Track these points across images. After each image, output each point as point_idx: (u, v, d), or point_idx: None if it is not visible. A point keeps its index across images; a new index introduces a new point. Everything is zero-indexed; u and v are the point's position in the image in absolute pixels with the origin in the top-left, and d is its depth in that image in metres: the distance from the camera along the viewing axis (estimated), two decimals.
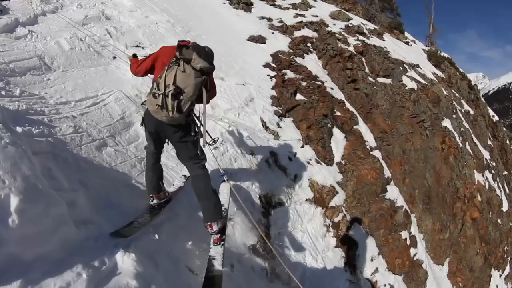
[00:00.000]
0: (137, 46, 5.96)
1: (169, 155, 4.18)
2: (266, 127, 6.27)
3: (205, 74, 2.82)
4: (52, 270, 1.89)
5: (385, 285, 6.68)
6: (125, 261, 2.27)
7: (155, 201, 3.29)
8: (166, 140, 3.14)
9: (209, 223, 3.10)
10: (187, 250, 3.19)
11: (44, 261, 1.91)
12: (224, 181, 3.91)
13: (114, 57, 5.17)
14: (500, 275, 12.71)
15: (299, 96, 7.17)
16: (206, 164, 3.20)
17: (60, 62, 4.48)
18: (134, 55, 3.53)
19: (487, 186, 10.47)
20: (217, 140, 3.56)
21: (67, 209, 2.20)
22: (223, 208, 3.42)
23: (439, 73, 12.55)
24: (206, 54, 2.81)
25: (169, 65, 2.75)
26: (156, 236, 2.93)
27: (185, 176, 3.94)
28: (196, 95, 2.82)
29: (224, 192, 3.97)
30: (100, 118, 3.88)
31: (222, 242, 3.17)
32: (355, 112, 7.45)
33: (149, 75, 3.22)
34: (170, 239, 3.06)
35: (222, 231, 3.21)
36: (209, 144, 3.26)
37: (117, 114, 4.10)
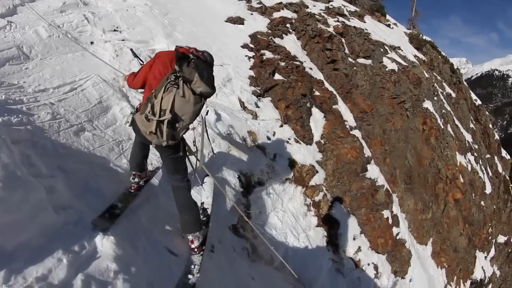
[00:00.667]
0: (115, 30, 5.97)
1: None
2: (244, 107, 6.36)
3: (204, 98, 2.70)
4: (33, 258, 1.94)
5: (368, 264, 6.87)
6: (104, 244, 2.33)
7: (136, 179, 3.31)
8: None
9: (190, 238, 3.10)
10: (166, 232, 3.27)
11: (25, 249, 1.96)
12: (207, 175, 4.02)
13: (92, 42, 5.21)
14: (485, 257, 13.21)
15: (277, 76, 7.26)
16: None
17: (38, 50, 4.53)
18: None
19: (469, 168, 10.83)
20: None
21: (46, 195, 2.25)
22: (207, 212, 3.54)
23: (421, 56, 12.85)
24: (209, 76, 2.66)
25: (166, 85, 2.55)
26: (135, 218, 3.01)
27: None
28: (192, 122, 2.72)
29: (208, 186, 4.10)
30: (78, 103, 3.97)
31: (202, 252, 3.18)
32: (335, 92, 7.59)
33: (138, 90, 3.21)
34: (149, 220, 3.14)
35: (203, 242, 3.21)
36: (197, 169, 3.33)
37: (94, 98, 4.20)
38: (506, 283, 16.64)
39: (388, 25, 14.26)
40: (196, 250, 3.13)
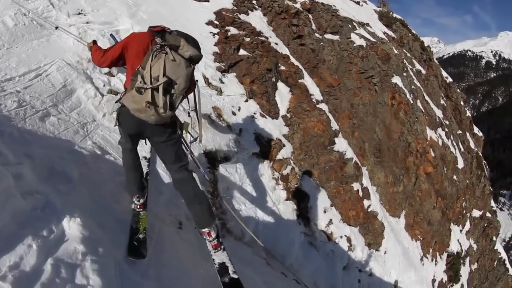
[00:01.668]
0: (79, 13, 5.96)
1: (111, 117, 4.34)
2: (208, 83, 6.44)
3: (194, 63, 2.63)
4: (5, 246, 1.96)
5: (341, 237, 7.07)
6: (71, 226, 2.36)
7: (141, 200, 3.21)
8: (145, 140, 3.00)
9: (207, 230, 3.04)
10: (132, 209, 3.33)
11: None
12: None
13: (56, 27, 5.21)
14: (461, 230, 13.77)
15: (242, 52, 7.32)
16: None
17: (5, 40, 4.56)
18: (94, 42, 3.31)
19: (440, 143, 11.23)
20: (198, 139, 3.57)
21: (13, 182, 2.31)
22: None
23: (390, 33, 13.15)
24: (194, 40, 2.61)
25: (153, 53, 2.47)
26: (101, 198, 3.07)
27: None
28: (187, 87, 2.63)
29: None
30: (43, 89, 4.05)
31: (223, 246, 3.15)
32: (301, 67, 7.71)
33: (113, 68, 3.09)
34: (113, 198, 3.20)
35: (218, 233, 3.16)
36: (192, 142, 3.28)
37: (59, 83, 4.27)
38: (484, 257, 17.41)
39: (358, 3, 14.49)
40: (216, 246, 3.10)
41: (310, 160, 6.55)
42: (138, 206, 3.20)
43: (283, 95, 7.07)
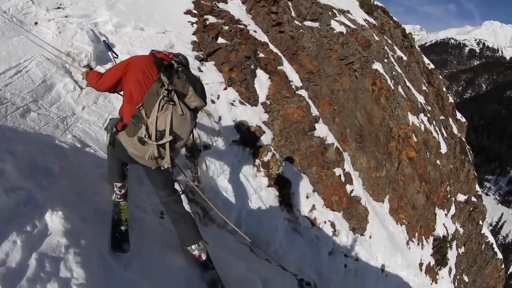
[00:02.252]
0: (58, 7, 5.86)
1: (90, 110, 4.36)
2: None
3: (197, 112, 2.56)
4: None
5: (325, 222, 7.13)
6: (54, 220, 2.39)
7: (123, 190, 3.20)
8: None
9: (197, 253, 3.09)
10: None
11: None
12: None
13: (36, 23, 5.20)
14: (446, 214, 14.02)
15: (220, 40, 7.30)
16: None
17: None
18: (90, 68, 3.31)
19: (422, 128, 11.39)
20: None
21: None
22: None
23: (371, 20, 13.24)
24: (202, 88, 2.54)
25: (160, 102, 2.34)
26: (82, 190, 3.10)
27: None
28: (188, 139, 2.57)
29: None
30: (23, 85, 4.05)
31: (212, 265, 3.19)
32: (280, 54, 7.72)
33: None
34: (94, 190, 3.24)
35: (208, 255, 3.20)
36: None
37: (38, 78, 4.28)
38: (471, 241, 17.76)
39: None
40: (205, 265, 3.14)
41: (291, 146, 6.58)
42: (119, 196, 3.19)
43: (262, 82, 7.08)
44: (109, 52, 4.12)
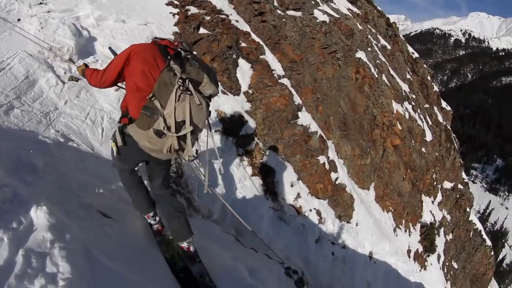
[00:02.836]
0: (41, 3, 5.84)
1: (72, 104, 4.37)
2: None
3: (210, 101, 2.46)
4: None
5: (310, 210, 7.17)
6: (38, 215, 2.39)
7: (157, 218, 3.15)
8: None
9: (185, 246, 3.03)
10: (98, 195, 3.39)
11: None
12: None
13: (19, 19, 5.20)
14: (433, 201, 14.22)
15: (202, 30, 7.27)
16: None
17: None
18: (86, 65, 3.07)
19: (407, 116, 11.50)
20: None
21: None
22: None
23: (355, 9, 13.28)
24: (214, 75, 2.41)
25: (176, 91, 2.23)
26: (65, 184, 3.09)
27: None
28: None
29: None
30: (7, 82, 4.04)
31: (199, 258, 3.15)
32: (262, 43, 7.70)
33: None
34: (77, 184, 3.23)
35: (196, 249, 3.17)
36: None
37: (21, 74, 4.28)
38: (459, 228, 18.05)
39: None
40: (192, 258, 3.10)
41: (274, 135, 6.59)
42: (159, 227, 3.14)
43: (244, 72, 7.06)
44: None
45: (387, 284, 9.70)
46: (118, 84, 2.75)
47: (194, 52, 2.56)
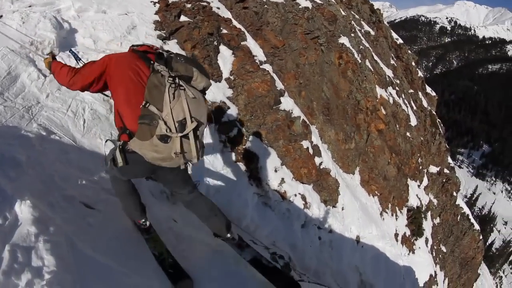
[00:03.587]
0: None
1: (54, 97, 4.35)
2: None
3: (204, 93, 2.36)
4: None
5: (295, 195, 7.21)
6: (23, 210, 2.42)
7: (148, 223, 3.11)
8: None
9: (230, 236, 3.11)
10: (80, 186, 3.41)
11: None
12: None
13: (1, 16, 5.13)
14: (419, 186, 14.42)
15: (183, 18, 7.23)
16: None
17: None
18: (53, 57, 2.91)
19: (391, 101, 11.58)
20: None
21: None
22: None
23: None
24: (202, 67, 2.36)
25: (169, 90, 2.14)
26: (48, 177, 3.13)
27: None
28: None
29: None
30: None
31: (245, 243, 3.23)
32: (243, 29, 7.66)
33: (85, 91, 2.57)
34: (60, 176, 3.26)
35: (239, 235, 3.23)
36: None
37: (4, 70, 4.25)
38: (446, 212, 18.35)
39: None
40: (240, 245, 3.23)
41: (256, 120, 6.59)
42: (147, 231, 3.14)
43: (225, 58, 7.03)
44: (78, 61, 4.00)
45: (375, 268, 9.83)
46: (104, 92, 2.67)
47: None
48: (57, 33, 5.10)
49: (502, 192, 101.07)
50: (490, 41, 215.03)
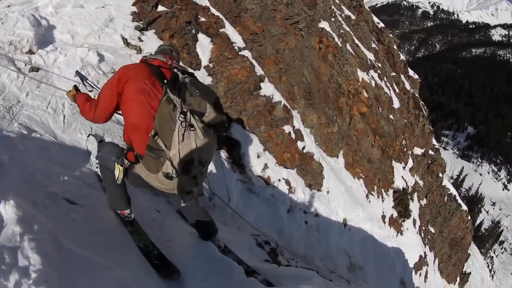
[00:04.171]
0: None
1: (34, 95, 4.31)
2: (127, 44, 6.37)
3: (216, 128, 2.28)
4: None
5: (279, 180, 7.26)
6: (7, 210, 2.38)
7: (132, 215, 3.03)
8: None
9: (216, 243, 3.15)
10: (62, 183, 3.37)
11: None
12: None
13: None
14: (404, 167, 14.63)
15: (160, 8, 7.18)
16: None
17: None
18: (76, 88, 2.81)
19: (373, 84, 11.67)
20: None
21: None
22: None
23: None
24: (217, 100, 2.21)
25: (179, 129, 2.04)
26: (30, 176, 3.10)
27: None
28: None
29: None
30: None
31: (228, 249, 3.30)
32: (222, 17, 7.62)
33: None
34: (42, 174, 3.22)
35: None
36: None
37: None
38: (432, 193, 18.64)
39: None
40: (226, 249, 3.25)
41: (237, 107, 6.60)
42: (131, 223, 3.08)
43: (204, 46, 7.00)
44: (85, 83, 3.66)
45: (364, 250, 9.99)
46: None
47: (191, 72, 2.41)
48: (35, 31, 5.05)
49: (488, 173, 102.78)
50: (474, 26, 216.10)
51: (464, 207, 23.47)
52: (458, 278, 25.28)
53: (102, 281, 2.44)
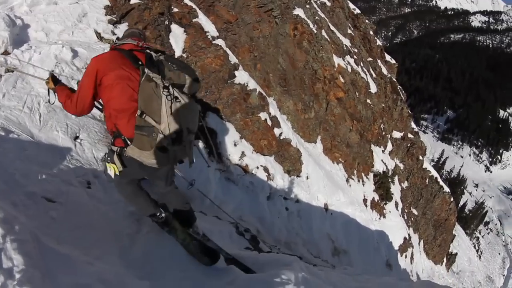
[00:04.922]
0: None
1: (10, 95, 4.30)
2: (101, 38, 6.35)
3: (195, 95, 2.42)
4: None
5: (257, 168, 7.33)
6: None
7: (163, 214, 3.04)
8: None
9: (196, 229, 3.16)
10: (41, 181, 3.42)
11: None
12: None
13: None
14: (383, 151, 14.89)
15: (133, 1, 7.13)
16: None
17: None
18: (54, 78, 2.79)
19: (349, 69, 11.81)
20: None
21: None
22: None
23: None
24: (192, 70, 2.36)
25: (165, 102, 2.16)
26: (9, 176, 3.15)
27: None
28: None
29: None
30: None
31: (207, 237, 3.32)
32: (195, 7, 7.59)
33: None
34: (21, 174, 3.28)
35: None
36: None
37: None
38: (413, 176, 18.98)
39: None
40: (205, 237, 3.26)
41: (212, 96, 6.62)
42: (165, 223, 3.09)
43: (177, 37, 6.99)
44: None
45: (347, 234, 10.15)
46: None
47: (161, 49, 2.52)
48: (10, 30, 5.02)
49: (470, 155, 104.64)
50: (452, 12, 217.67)
51: (446, 189, 23.89)
52: (444, 259, 25.95)
53: (83, 277, 2.46)
